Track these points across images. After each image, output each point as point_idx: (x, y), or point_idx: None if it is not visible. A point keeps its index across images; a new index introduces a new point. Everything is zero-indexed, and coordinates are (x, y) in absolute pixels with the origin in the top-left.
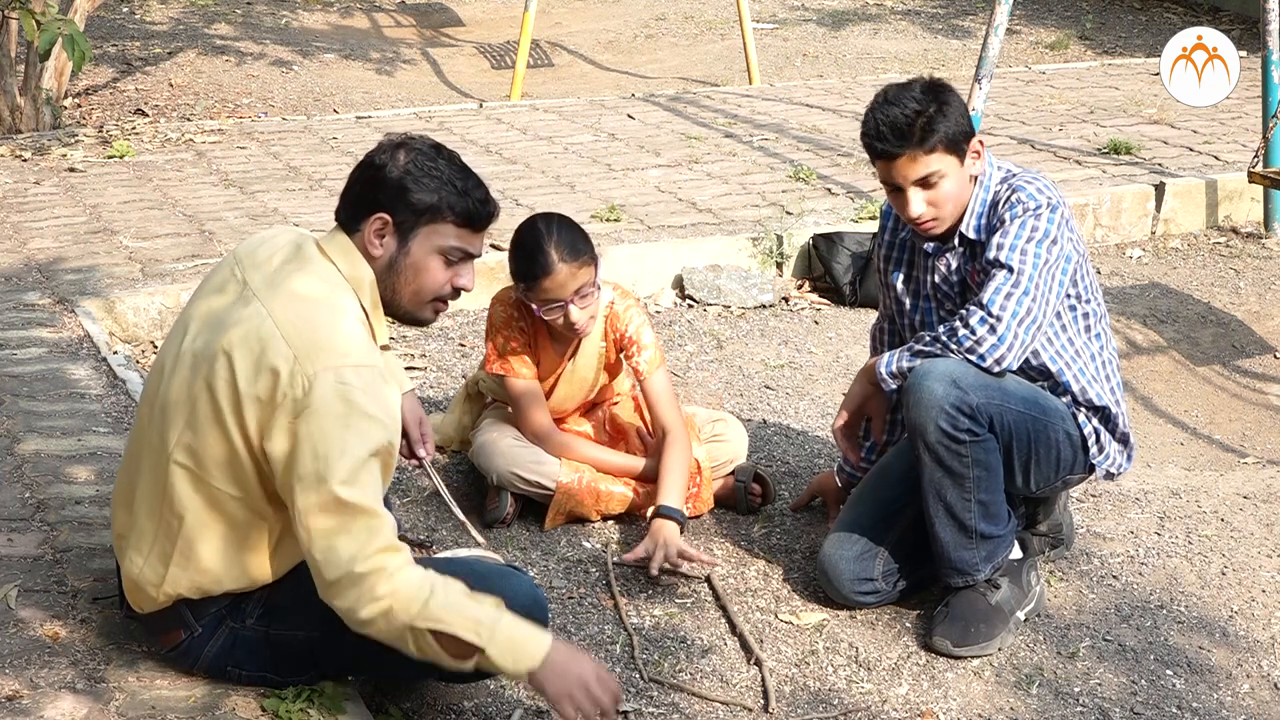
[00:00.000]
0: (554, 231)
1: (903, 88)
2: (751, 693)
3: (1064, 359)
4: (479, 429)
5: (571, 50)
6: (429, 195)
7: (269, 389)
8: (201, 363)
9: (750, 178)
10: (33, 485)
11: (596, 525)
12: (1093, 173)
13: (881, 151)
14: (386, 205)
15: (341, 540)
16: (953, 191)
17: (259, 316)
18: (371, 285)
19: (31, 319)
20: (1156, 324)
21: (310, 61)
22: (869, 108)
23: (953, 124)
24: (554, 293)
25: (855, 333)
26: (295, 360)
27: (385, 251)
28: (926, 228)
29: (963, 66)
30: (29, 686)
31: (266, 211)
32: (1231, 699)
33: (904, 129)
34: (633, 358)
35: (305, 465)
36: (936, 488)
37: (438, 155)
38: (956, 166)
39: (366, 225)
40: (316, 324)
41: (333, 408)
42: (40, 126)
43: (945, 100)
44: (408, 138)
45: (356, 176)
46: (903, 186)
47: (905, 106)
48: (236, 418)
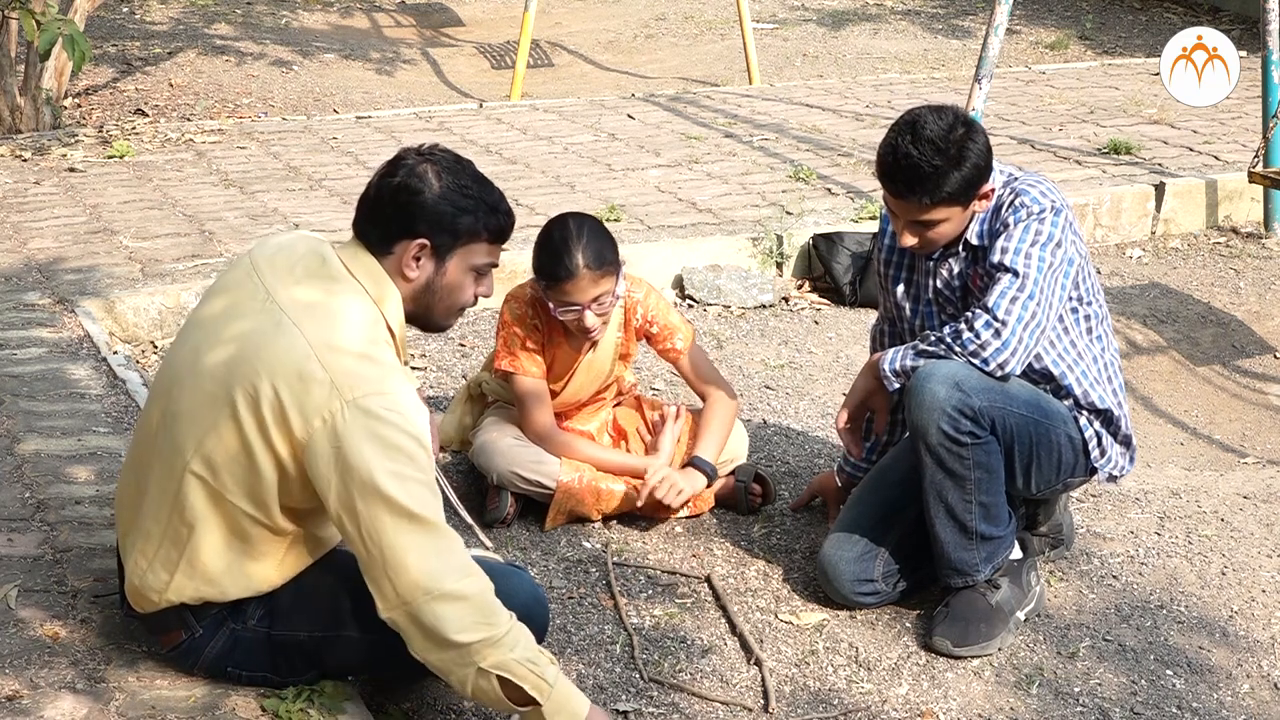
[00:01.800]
0: (583, 236)
1: (932, 121)
2: (751, 693)
3: (1066, 362)
4: (480, 429)
5: (571, 50)
6: (468, 219)
7: (304, 415)
8: (231, 381)
9: (750, 178)
10: (33, 485)
11: (596, 525)
12: (1093, 173)
13: (890, 189)
14: (425, 231)
15: (414, 557)
16: (949, 233)
17: (294, 340)
18: (397, 305)
19: (31, 319)
20: (1156, 324)
21: (310, 61)
22: (892, 130)
23: (965, 178)
24: (573, 296)
25: (855, 333)
26: (333, 387)
27: (422, 274)
28: (914, 250)
29: (962, 66)
30: (29, 686)
31: (266, 211)
32: (1231, 699)
33: (915, 180)
34: (664, 342)
35: (362, 484)
36: (937, 489)
37: (463, 171)
38: (960, 213)
39: (403, 250)
40: (350, 351)
41: (374, 430)
42: (40, 126)
43: (965, 151)
44: (429, 152)
45: (389, 198)
46: (900, 219)
47: (924, 154)
48: (265, 442)
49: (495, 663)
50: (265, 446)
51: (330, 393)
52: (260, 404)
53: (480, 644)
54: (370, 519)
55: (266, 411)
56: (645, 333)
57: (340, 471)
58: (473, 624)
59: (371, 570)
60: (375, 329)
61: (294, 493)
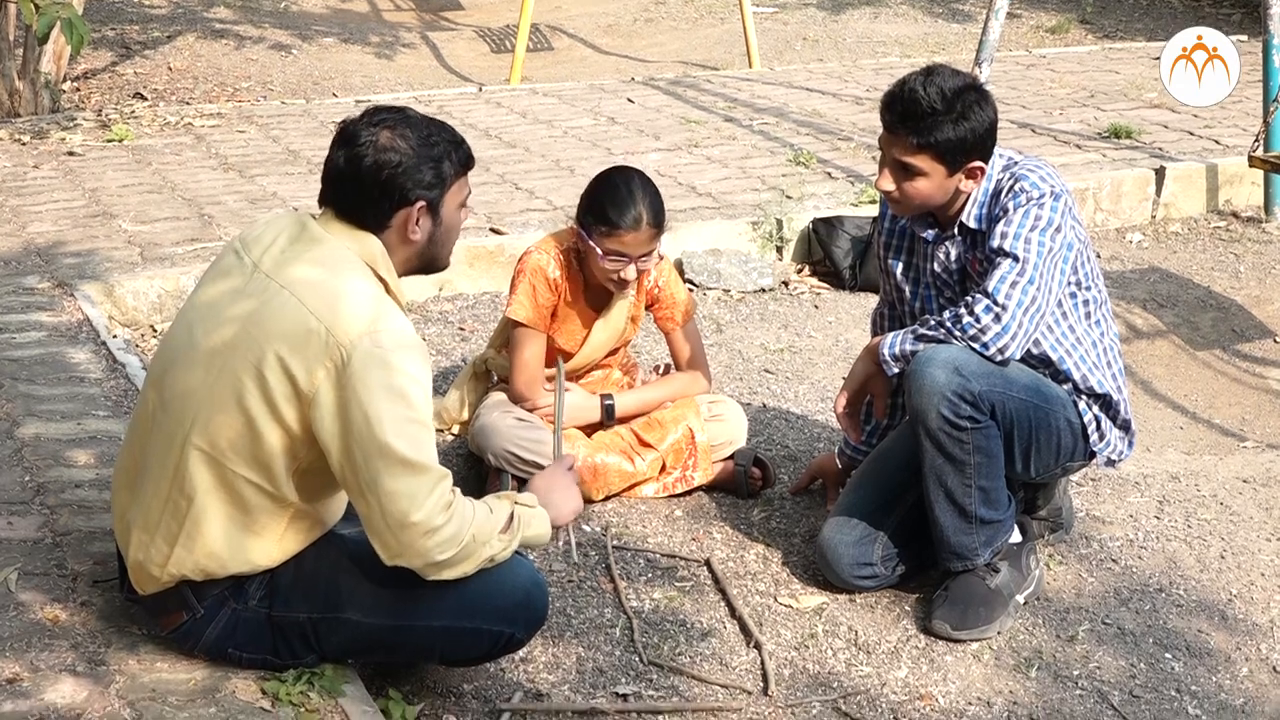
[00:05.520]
0: (649, 192)
1: (949, 75)
2: (751, 676)
3: (1064, 347)
4: (481, 410)
5: (571, 34)
6: (445, 165)
7: (308, 369)
8: (234, 360)
9: (750, 162)
10: (33, 469)
11: (596, 509)
12: (1093, 157)
13: (885, 120)
14: (419, 195)
15: (405, 502)
16: (925, 192)
17: (286, 303)
18: (383, 255)
19: (31, 303)
20: (1156, 308)
21: (309, 45)
22: (909, 74)
23: (958, 136)
24: (627, 247)
25: (855, 317)
26: (329, 333)
27: (424, 231)
28: (890, 203)
29: (963, 50)
30: (29, 669)
31: (266, 195)
32: (1230, 682)
33: (910, 114)
34: (665, 309)
35: (361, 435)
36: (937, 473)
37: (415, 122)
38: (941, 175)
39: (404, 218)
40: (341, 296)
41: (375, 374)
42: (39, 110)
43: (969, 113)
44: (377, 119)
45: (369, 179)
46: (885, 160)
47: (929, 94)
48: (273, 413)
49: (492, 557)
50: (272, 418)
51: (329, 341)
52: (266, 376)
53: (482, 560)
54: (369, 470)
55: (273, 379)
56: (653, 297)
57: (341, 421)
58: (470, 554)
59: (372, 521)
60: (366, 279)
61: (301, 455)
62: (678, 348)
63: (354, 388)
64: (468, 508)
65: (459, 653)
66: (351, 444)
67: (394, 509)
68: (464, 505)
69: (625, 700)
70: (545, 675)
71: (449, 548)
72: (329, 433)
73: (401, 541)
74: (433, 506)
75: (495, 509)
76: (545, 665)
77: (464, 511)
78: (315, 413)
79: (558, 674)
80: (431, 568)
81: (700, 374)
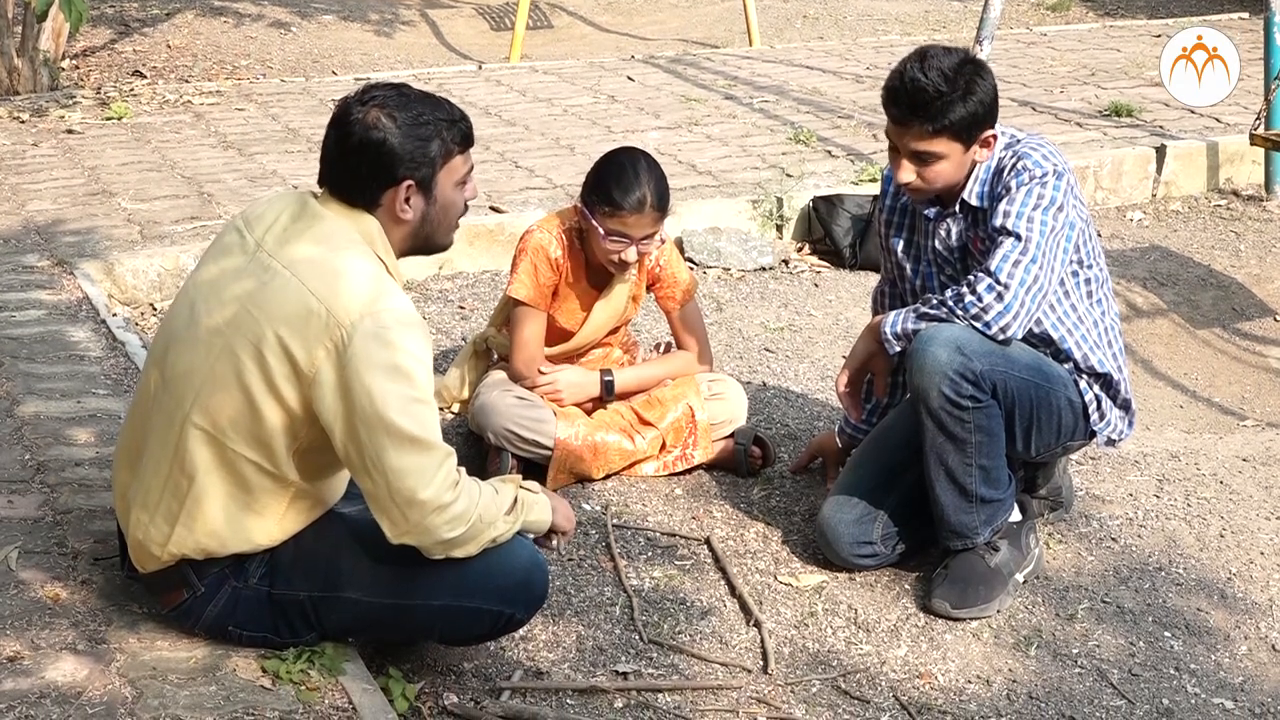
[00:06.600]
0: (654, 174)
1: (942, 55)
2: (751, 654)
3: (1066, 326)
4: (481, 388)
5: (571, 12)
6: (435, 144)
7: (308, 350)
8: (234, 339)
9: (750, 140)
10: (33, 447)
11: (596, 487)
12: (1094, 135)
13: (892, 114)
14: (405, 174)
15: (413, 479)
16: (947, 173)
17: (288, 283)
18: (380, 234)
19: (30, 281)
20: (1157, 287)
21: (309, 23)
22: (902, 62)
23: (970, 112)
24: (630, 229)
25: (855, 295)
26: (329, 313)
27: (415, 211)
28: (910, 193)
29: (963, 28)
30: (30, 648)
31: (265, 173)
32: (1229, 660)
33: (919, 103)
34: (666, 287)
35: (365, 414)
36: (938, 452)
37: (409, 100)
38: (960, 153)
39: (392, 197)
40: (341, 275)
41: (377, 353)
42: (38, 88)
43: (973, 86)
44: (370, 96)
45: (356, 157)
46: (900, 151)
47: (931, 79)
48: (273, 392)
49: (495, 538)
50: (272, 397)
51: (329, 321)
52: (265, 355)
53: (486, 540)
54: (374, 448)
55: (272, 359)
56: (655, 277)
57: (344, 400)
58: (477, 534)
59: (378, 499)
60: (366, 258)
61: (301, 434)
62: (679, 327)
63: (356, 367)
64: (474, 487)
65: (459, 632)
66: (356, 423)
67: (402, 486)
68: (470, 484)
69: (625, 678)
70: (545, 653)
71: (457, 525)
72: (332, 412)
73: (409, 519)
74: (440, 483)
75: (500, 490)
76: (545, 643)
77: (471, 490)
78: (316, 392)
79: (558, 652)
80: (439, 546)
81: (698, 353)
